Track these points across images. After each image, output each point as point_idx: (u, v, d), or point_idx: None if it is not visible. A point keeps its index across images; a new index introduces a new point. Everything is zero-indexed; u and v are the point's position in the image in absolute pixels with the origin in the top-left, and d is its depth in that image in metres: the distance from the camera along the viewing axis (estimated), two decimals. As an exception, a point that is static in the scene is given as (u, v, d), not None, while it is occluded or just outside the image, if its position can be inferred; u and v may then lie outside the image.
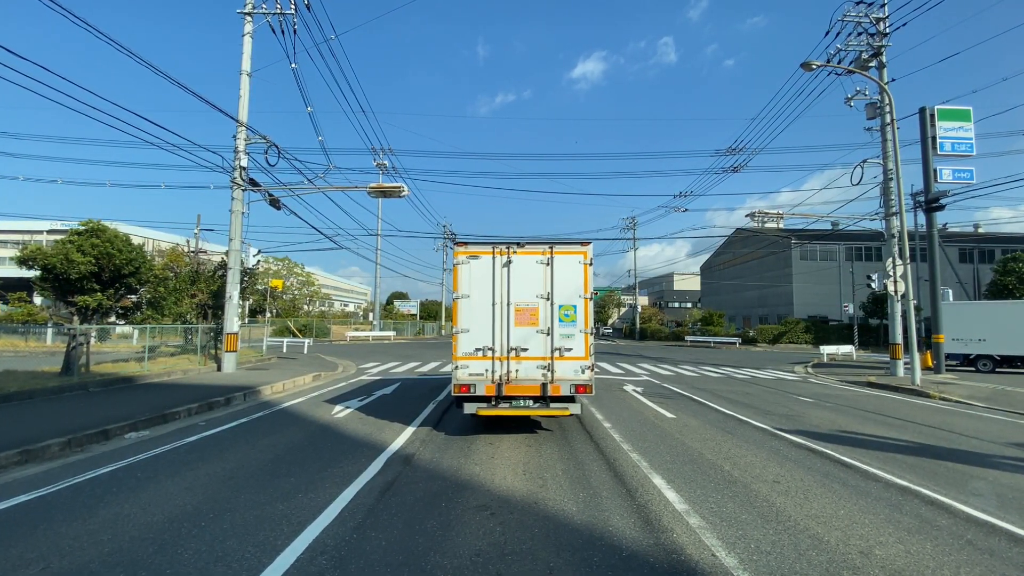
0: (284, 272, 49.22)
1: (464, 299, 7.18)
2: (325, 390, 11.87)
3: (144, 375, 11.91)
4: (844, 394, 12.76)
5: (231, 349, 13.89)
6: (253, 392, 10.84)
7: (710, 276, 65.28)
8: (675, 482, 5.06)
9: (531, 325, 7.14)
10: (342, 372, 16.22)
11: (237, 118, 14.28)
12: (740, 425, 8.19)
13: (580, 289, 7.12)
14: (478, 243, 7.45)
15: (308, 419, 8.38)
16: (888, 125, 16.87)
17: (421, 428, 7.63)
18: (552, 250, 7.23)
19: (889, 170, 17.32)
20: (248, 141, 14.41)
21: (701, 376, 16.24)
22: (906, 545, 3.68)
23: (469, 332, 7.11)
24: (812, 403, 10.97)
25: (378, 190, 14.35)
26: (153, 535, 3.73)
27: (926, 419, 9.27)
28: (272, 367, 15.87)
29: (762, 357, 27.71)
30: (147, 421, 7.82)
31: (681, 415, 8.95)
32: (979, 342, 17.99)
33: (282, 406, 9.66)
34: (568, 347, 7.05)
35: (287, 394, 11.33)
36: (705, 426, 8.00)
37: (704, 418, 8.73)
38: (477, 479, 5.12)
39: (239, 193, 14.24)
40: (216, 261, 20.14)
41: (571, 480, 5.10)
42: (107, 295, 11.03)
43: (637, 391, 12.04)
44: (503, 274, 7.20)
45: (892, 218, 17.30)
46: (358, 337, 40.70)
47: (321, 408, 9.36)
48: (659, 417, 8.71)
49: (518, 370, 7.05)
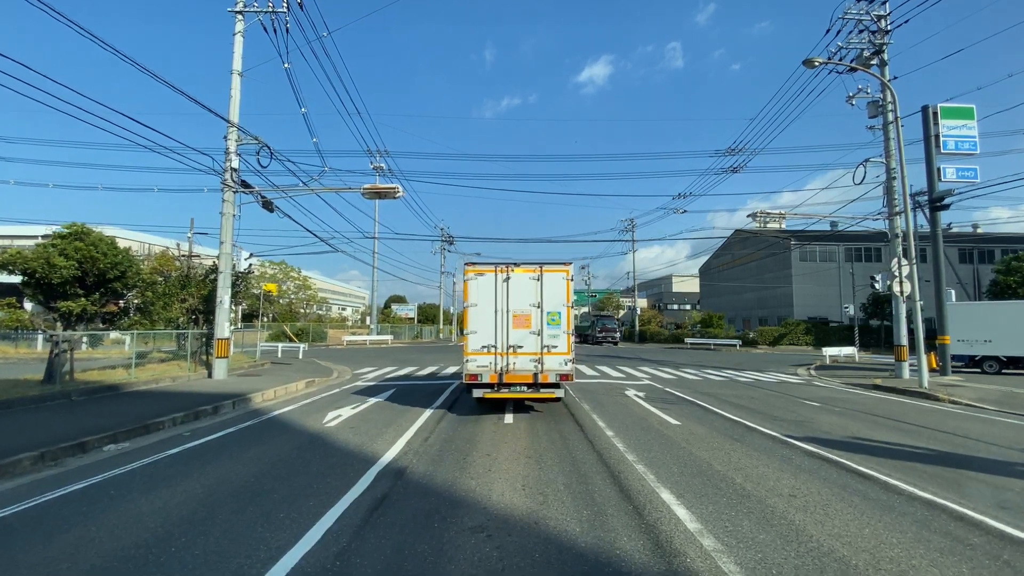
0: (280, 276, 48.84)
1: (473, 307, 8.90)
2: (317, 397, 11.52)
3: (131, 383, 11.54)
4: (851, 398, 12.46)
5: (222, 355, 13.53)
6: (243, 400, 10.50)
7: (709, 278, 65.06)
8: (685, 497, 4.74)
9: (525, 328, 8.84)
10: (336, 378, 15.86)
11: (228, 118, 13.97)
12: (748, 432, 7.87)
13: (563, 299, 8.87)
14: (484, 263, 9.21)
15: (298, 429, 8.04)
16: (891, 123, 16.64)
17: (415, 438, 7.30)
18: (542, 268, 8.99)
19: (892, 169, 17.07)
20: (239, 142, 14.10)
21: (704, 380, 15.93)
22: (941, 569, 3.37)
23: (477, 333, 8.84)
24: (819, 407, 10.66)
25: (372, 191, 14.03)
26: (117, 564, 3.40)
27: (939, 424, 8.97)
28: (265, 373, 15.51)
29: (763, 359, 27.42)
30: (128, 432, 7.47)
31: (686, 422, 8.63)
32: (985, 343, 17.71)
33: (272, 415, 9.32)
34: (554, 345, 8.77)
35: (278, 401, 10.98)
36: (712, 434, 7.69)
37: (710, 425, 8.41)
38: (473, 495, 4.79)
39: (230, 195, 13.91)
40: (208, 265, 19.78)
41: (574, 496, 4.78)
42: (91, 300, 10.66)
43: (639, 396, 11.71)
44: (503, 288, 8.93)
45: (896, 218, 17.04)
46: (355, 341, 40.31)
47: (312, 417, 9.02)
48: (664, 424, 8.39)
49: (515, 363, 8.76)
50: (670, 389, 13.18)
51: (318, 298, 56.83)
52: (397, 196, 13.89)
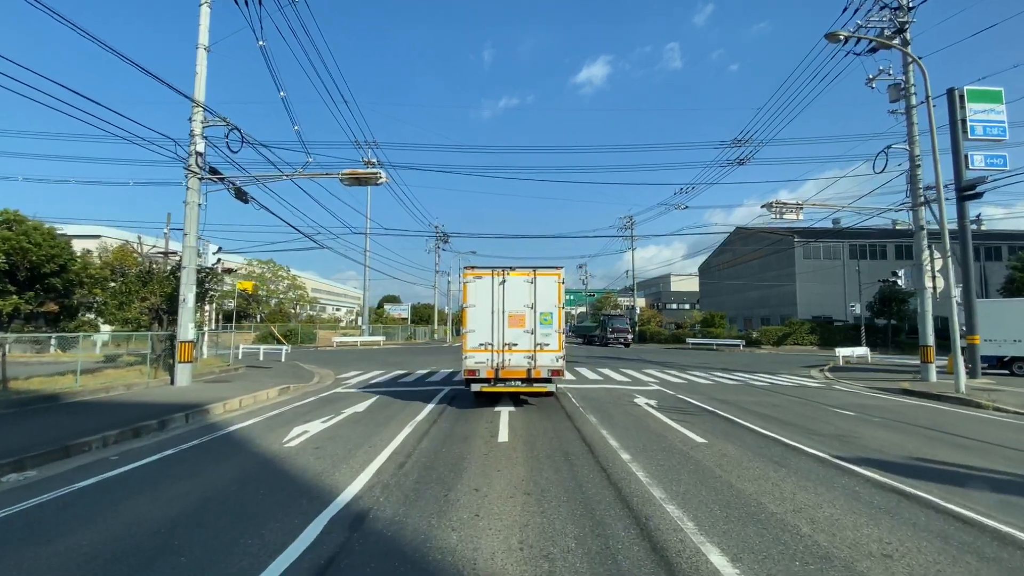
0: (269, 275, 47.29)
1: (471, 308, 9.53)
2: (287, 408, 10.20)
3: (75, 392, 10.17)
4: (884, 404, 11.24)
5: (185, 360, 12.16)
6: (200, 411, 9.16)
7: (709, 276, 63.91)
8: (743, 560, 3.46)
9: (520, 327, 9.44)
10: (317, 383, 14.53)
11: (193, 97, 12.61)
12: (789, 452, 6.61)
13: (555, 301, 9.48)
14: (481, 267, 9.83)
15: (251, 450, 6.72)
16: (916, 106, 15.44)
17: (388, 463, 5.99)
18: (535, 272, 9.63)
19: (916, 156, 15.88)
20: (205, 123, 12.74)
21: (716, 384, 14.68)
22: None
23: (475, 332, 9.46)
24: (856, 417, 9.43)
25: (352, 176, 12.68)
26: None
27: (1000, 438, 7.74)
28: (237, 379, 14.15)
29: (771, 360, 26.24)
30: (42, 456, 6.13)
31: (713, 439, 7.35)
32: (1015, 343, 16.54)
33: (228, 430, 8.00)
34: (546, 343, 9.39)
35: (242, 412, 9.65)
36: (747, 455, 6.42)
37: (741, 443, 7.14)
38: (452, 557, 3.50)
39: (195, 182, 12.55)
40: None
41: (591, 559, 3.48)
42: (26, 298, 9.31)
43: (651, 405, 10.43)
44: (500, 290, 9.55)
45: (920, 209, 15.86)
46: (346, 343, 38.88)
47: (274, 433, 7.70)
48: (687, 443, 7.11)
49: (510, 359, 9.38)
50: (683, 396, 11.91)
51: (308, 298, 55.22)
52: (379, 182, 12.56)
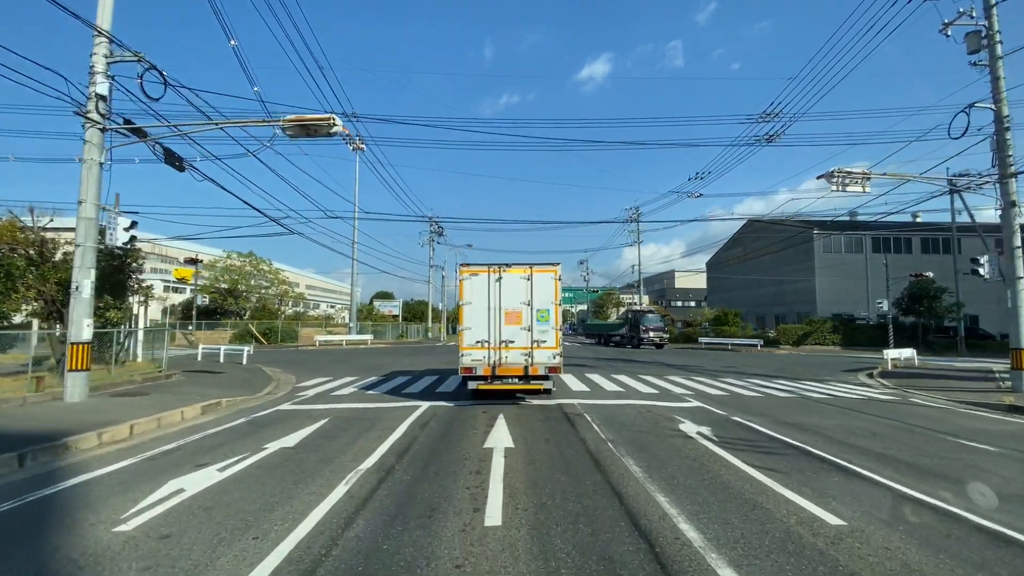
0: (249, 269, 44.23)
1: (467, 305, 9.74)
2: (193, 438, 7.28)
3: None
4: (1015, 432, 8.37)
5: (78, 367, 9.22)
6: (51, 448, 6.26)
7: (718, 272, 60.97)
8: None
9: (516, 324, 9.67)
10: (265, 394, 11.61)
11: (94, 24, 9.65)
12: (986, 542, 3.70)
13: (552, 297, 9.72)
14: (478, 264, 9.94)
15: (53, 544, 3.80)
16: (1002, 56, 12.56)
17: (303, 558, 3.08)
18: (532, 268, 9.84)
19: (1005, 117, 13.00)
20: (111, 59, 9.78)
21: (766, 397, 11.78)
22: None
23: (471, 329, 9.68)
24: (999, 455, 6.57)
25: (297, 123, 9.61)
26: None
27: None
28: (158, 390, 11.19)
29: (799, 362, 23.39)
30: None
31: (843, 510, 4.41)
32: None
33: (67, 484, 5.10)
34: (543, 340, 9.63)
35: (124, 447, 6.74)
36: (927, 557, 3.50)
37: (896, 519, 4.22)
38: None
39: (94, 133, 9.59)
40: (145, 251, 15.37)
41: None
42: None
43: (706, 436, 7.42)
44: (496, 287, 9.76)
45: (1009, 181, 12.99)
46: (330, 342, 35.90)
47: (127, 494, 4.79)
48: (811, 526, 4.15)
49: (507, 356, 9.62)
50: (739, 418, 8.95)
51: (293, 293, 52.16)
52: (332, 132, 9.56)
